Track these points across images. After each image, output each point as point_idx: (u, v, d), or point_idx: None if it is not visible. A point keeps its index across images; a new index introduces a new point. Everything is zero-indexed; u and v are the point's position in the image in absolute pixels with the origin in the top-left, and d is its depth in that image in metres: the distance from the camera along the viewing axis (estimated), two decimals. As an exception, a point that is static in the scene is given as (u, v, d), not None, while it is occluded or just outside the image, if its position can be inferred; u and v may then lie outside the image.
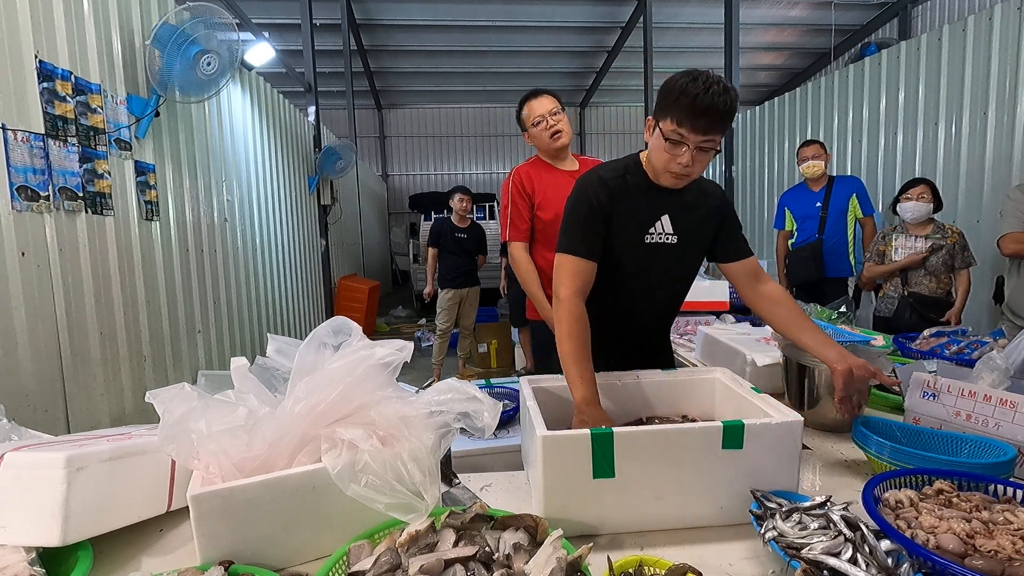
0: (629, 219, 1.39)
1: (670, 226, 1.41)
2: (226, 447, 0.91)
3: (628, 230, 1.39)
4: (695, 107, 1.18)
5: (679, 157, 1.26)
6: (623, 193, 1.38)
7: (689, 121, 1.20)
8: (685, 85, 1.19)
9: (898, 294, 3.11)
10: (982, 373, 1.33)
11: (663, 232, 1.41)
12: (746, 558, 0.92)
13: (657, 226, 1.40)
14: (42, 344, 2.14)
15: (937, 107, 4.23)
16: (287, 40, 8.30)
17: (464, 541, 0.85)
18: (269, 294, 4.76)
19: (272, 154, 4.97)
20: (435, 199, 10.49)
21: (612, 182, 1.38)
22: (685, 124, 1.21)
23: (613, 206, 1.37)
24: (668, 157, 1.28)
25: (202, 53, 2.72)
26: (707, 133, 1.22)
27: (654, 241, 1.41)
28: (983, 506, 0.88)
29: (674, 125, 1.22)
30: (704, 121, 1.19)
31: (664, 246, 1.42)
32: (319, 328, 1.05)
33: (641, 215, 1.39)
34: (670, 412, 1.36)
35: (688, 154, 1.24)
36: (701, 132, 1.21)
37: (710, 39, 9.58)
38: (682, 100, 1.19)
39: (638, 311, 1.49)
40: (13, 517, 0.86)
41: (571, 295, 1.31)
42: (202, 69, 2.75)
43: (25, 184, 2.07)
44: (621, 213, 1.38)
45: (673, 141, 1.24)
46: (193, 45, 2.71)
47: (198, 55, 2.71)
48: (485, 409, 0.99)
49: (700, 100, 1.17)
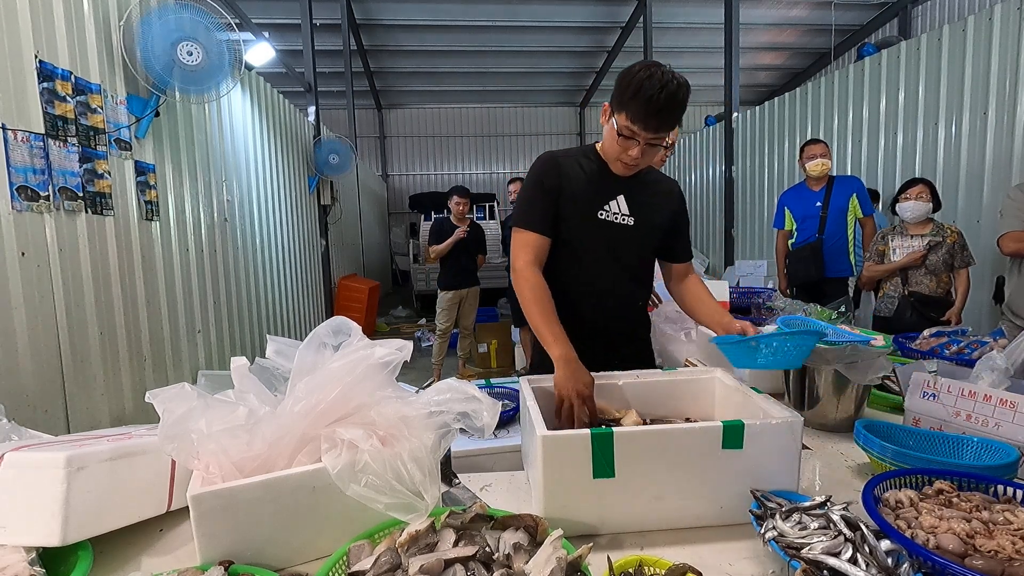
0: (581, 195, 1.44)
1: (626, 207, 1.46)
2: (226, 447, 0.91)
3: (579, 205, 1.44)
4: (649, 108, 1.23)
5: (629, 150, 1.32)
6: (576, 172, 1.44)
7: (642, 120, 1.26)
8: (641, 83, 1.23)
9: (898, 294, 3.11)
10: (982, 373, 1.33)
11: (619, 212, 1.45)
12: (746, 558, 0.92)
13: (612, 205, 1.45)
14: (42, 344, 2.14)
15: (937, 107, 4.23)
16: (287, 40, 8.30)
17: (464, 541, 0.85)
18: (269, 294, 4.75)
19: (272, 154, 4.96)
20: (435, 199, 10.49)
21: (564, 161, 1.45)
22: (638, 123, 1.26)
23: (563, 183, 1.43)
24: (619, 149, 1.35)
25: (182, 41, 2.63)
26: (658, 131, 1.28)
27: (608, 219, 1.45)
28: (983, 506, 0.88)
29: (627, 122, 1.28)
30: (656, 121, 1.26)
31: (621, 226, 1.46)
32: (319, 328, 1.05)
33: (594, 192, 1.44)
34: (670, 412, 1.35)
35: (638, 149, 1.31)
36: (653, 131, 1.28)
37: (710, 39, 9.58)
38: (638, 99, 1.24)
39: (598, 293, 1.50)
40: (13, 517, 0.86)
41: (526, 265, 1.38)
42: (182, 59, 2.66)
43: (25, 184, 2.07)
44: (573, 189, 1.43)
45: (625, 136, 1.31)
46: (172, 32, 2.63)
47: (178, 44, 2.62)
48: (485, 409, 0.99)
49: (655, 101, 1.22)
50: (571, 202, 1.43)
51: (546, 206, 1.42)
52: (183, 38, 2.65)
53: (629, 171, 1.41)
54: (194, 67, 2.70)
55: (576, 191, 1.43)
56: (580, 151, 1.49)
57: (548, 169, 1.44)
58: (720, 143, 7.28)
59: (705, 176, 7.96)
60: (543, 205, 1.42)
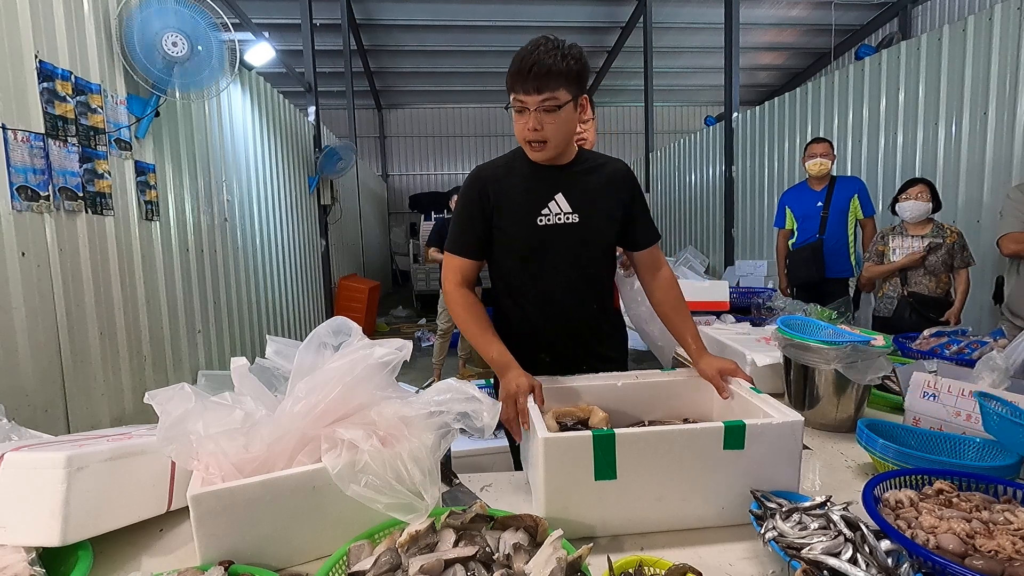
0: (515, 205, 1.39)
1: (567, 204, 1.38)
2: (225, 447, 0.91)
3: (516, 215, 1.39)
4: (521, 67, 1.20)
5: (526, 124, 1.26)
6: (505, 181, 1.39)
7: (520, 84, 1.21)
8: (517, 53, 1.22)
9: (897, 294, 3.11)
10: (982, 373, 1.33)
11: (560, 212, 1.38)
12: (746, 558, 0.92)
13: (551, 206, 1.38)
14: (42, 344, 2.14)
15: (937, 107, 4.23)
16: (287, 40, 8.29)
17: (464, 541, 0.85)
18: (269, 294, 4.75)
19: (272, 154, 4.96)
20: (435, 199, 10.51)
21: (489, 173, 1.41)
22: (519, 88, 1.23)
23: (493, 197, 1.38)
24: (520, 128, 1.29)
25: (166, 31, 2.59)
26: (542, 92, 1.21)
27: (550, 223, 1.38)
28: (983, 506, 0.88)
29: (513, 94, 1.25)
30: (534, 81, 1.20)
31: (563, 227, 1.38)
32: (319, 328, 1.05)
33: (528, 198, 1.38)
34: (669, 413, 1.35)
35: (533, 117, 1.25)
36: (535, 91, 1.21)
37: (710, 39, 9.58)
38: (513, 67, 1.22)
39: (556, 301, 1.44)
40: (13, 517, 0.86)
41: (455, 287, 1.40)
42: (165, 49, 2.61)
43: (25, 184, 2.07)
44: (505, 201, 1.39)
45: (516, 109, 1.27)
46: (155, 22, 2.60)
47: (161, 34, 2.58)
48: (485, 409, 0.99)
49: (526, 61, 1.19)
50: (508, 213, 1.38)
51: (474, 228, 1.40)
52: (166, 28, 2.64)
53: (542, 152, 1.31)
54: (179, 58, 2.67)
55: (511, 201, 1.38)
56: (511, 156, 1.44)
57: (474, 190, 1.39)
58: (720, 143, 7.28)
59: (705, 176, 7.95)
60: (471, 228, 1.40)
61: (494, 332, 1.32)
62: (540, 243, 1.39)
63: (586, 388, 1.32)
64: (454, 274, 1.41)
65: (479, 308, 1.37)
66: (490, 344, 1.29)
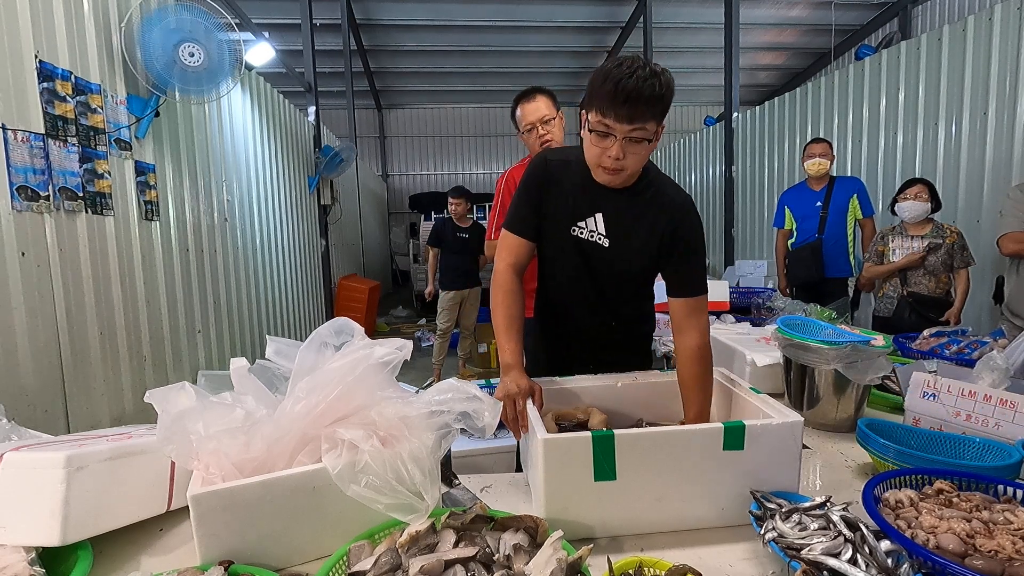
0: (560, 207, 1.35)
1: (602, 226, 1.33)
2: (225, 447, 0.91)
3: (556, 217, 1.36)
4: (617, 94, 1.09)
5: (608, 150, 1.17)
6: (561, 179, 1.34)
7: (612, 109, 1.11)
8: (608, 71, 1.11)
9: (897, 294, 3.11)
10: (982, 373, 1.33)
11: (594, 231, 1.34)
12: (746, 559, 0.92)
13: (588, 222, 1.34)
14: (42, 344, 2.14)
15: (937, 107, 4.23)
16: (287, 40, 8.29)
17: (464, 542, 0.85)
18: (269, 294, 4.75)
19: (272, 154, 4.96)
20: (435, 199, 10.49)
21: (555, 166, 1.35)
22: (609, 113, 1.12)
23: (547, 190, 1.35)
24: (598, 151, 1.19)
25: (184, 43, 2.62)
26: (634, 122, 1.12)
27: (581, 236, 1.35)
28: (983, 506, 0.88)
29: (599, 116, 1.14)
30: (628, 108, 1.10)
31: (593, 245, 1.35)
32: (321, 328, 1.05)
33: (572, 206, 1.34)
34: (669, 414, 1.35)
35: (617, 146, 1.15)
36: (627, 121, 1.12)
37: (710, 39, 9.58)
38: (605, 87, 1.10)
39: (576, 310, 1.44)
40: (13, 517, 0.86)
41: (504, 268, 1.35)
42: (183, 60, 2.64)
43: (25, 184, 2.07)
44: (554, 199, 1.35)
45: (599, 133, 1.16)
46: (173, 33, 2.62)
47: (179, 45, 2.61)
48: (485, 409, 0.99)
49: (623, 85, 1.08)
50: (551, 212, 1.36)
51: (530, 210, 1.36)
52: (184, 39, 2.65)
53: (615, 178, 1.23)
54: (196, 68, 2.70)
55: (557, 202, 1.35)
56: (574, 153, 1.36)
57: (535, 173, 1.36)
58: (720, 143, 7.28)
59: (705, 176, 7.95)
60: (527, 209, 1.36)
61: (518, 330, 1.29)
62: (568, 251, 1.37)
63: (585, 389, 1.33)
64: (508, 253, 1.37)
65: (516, 300, 1.32)
66: (507, 341, 1.27)
